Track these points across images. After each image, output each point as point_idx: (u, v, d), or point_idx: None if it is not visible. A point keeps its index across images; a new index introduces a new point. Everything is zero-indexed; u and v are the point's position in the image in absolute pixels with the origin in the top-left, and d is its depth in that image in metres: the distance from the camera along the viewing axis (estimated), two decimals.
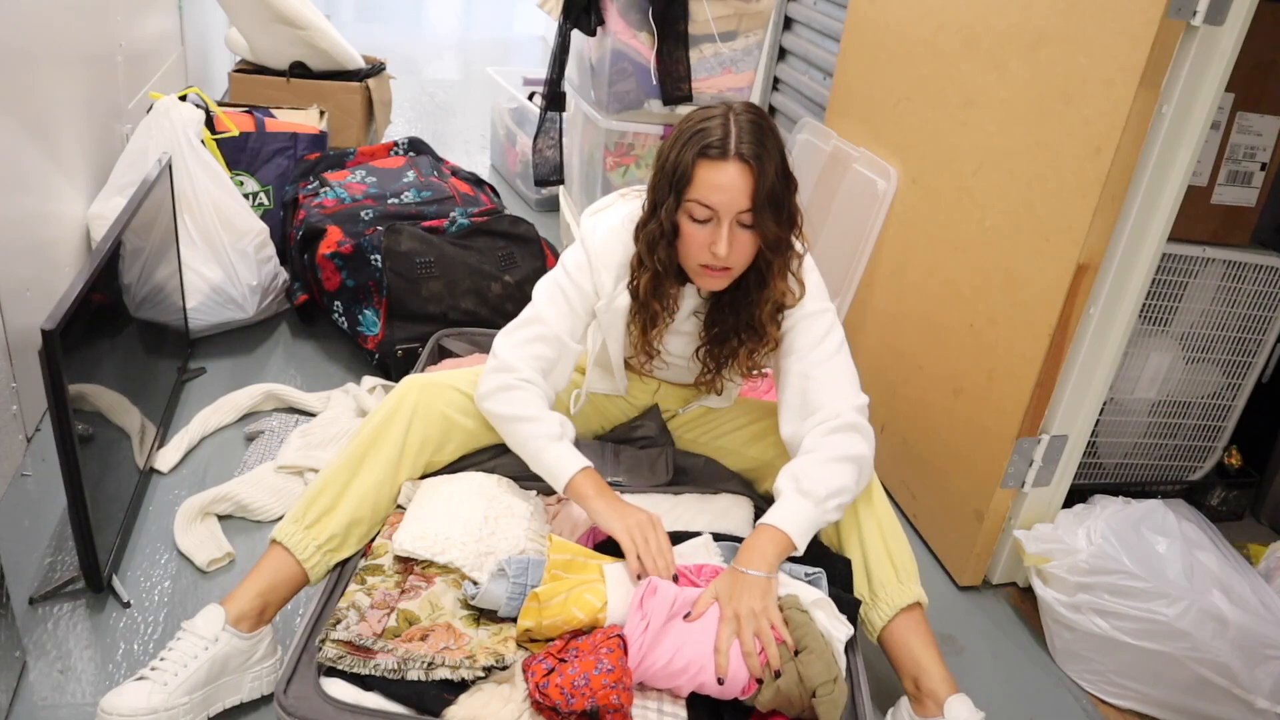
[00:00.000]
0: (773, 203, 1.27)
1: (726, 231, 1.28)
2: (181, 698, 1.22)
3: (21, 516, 1.67)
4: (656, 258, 1.34)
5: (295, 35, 3.21)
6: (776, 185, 1.27)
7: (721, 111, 1.28)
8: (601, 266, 1.40)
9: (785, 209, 1.30)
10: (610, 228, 1.42)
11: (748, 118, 1.27)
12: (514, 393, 1.38)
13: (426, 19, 7.12)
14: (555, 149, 3.02)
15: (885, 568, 1.38)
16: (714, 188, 1.26)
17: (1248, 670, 1.48)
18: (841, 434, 1.34)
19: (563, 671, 1.13)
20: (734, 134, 1.25)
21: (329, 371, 2.26)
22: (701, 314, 1.47)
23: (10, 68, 1.78)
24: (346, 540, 1.36)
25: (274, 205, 2.58)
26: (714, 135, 1.26)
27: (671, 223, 1.31)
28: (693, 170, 1.27)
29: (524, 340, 1.41)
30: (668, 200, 1.30)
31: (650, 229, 1.34)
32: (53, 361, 1.31)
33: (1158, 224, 1.54)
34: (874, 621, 1.38)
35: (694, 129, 1.28)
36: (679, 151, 1.28)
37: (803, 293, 1.39)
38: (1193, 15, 1.39)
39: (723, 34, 2.44)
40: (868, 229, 2.08)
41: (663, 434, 1.62)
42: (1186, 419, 2.01)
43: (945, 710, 1.29)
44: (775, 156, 1.27)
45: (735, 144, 1.25)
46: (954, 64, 1.84)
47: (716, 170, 1.26)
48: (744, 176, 1.25)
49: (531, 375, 1.39)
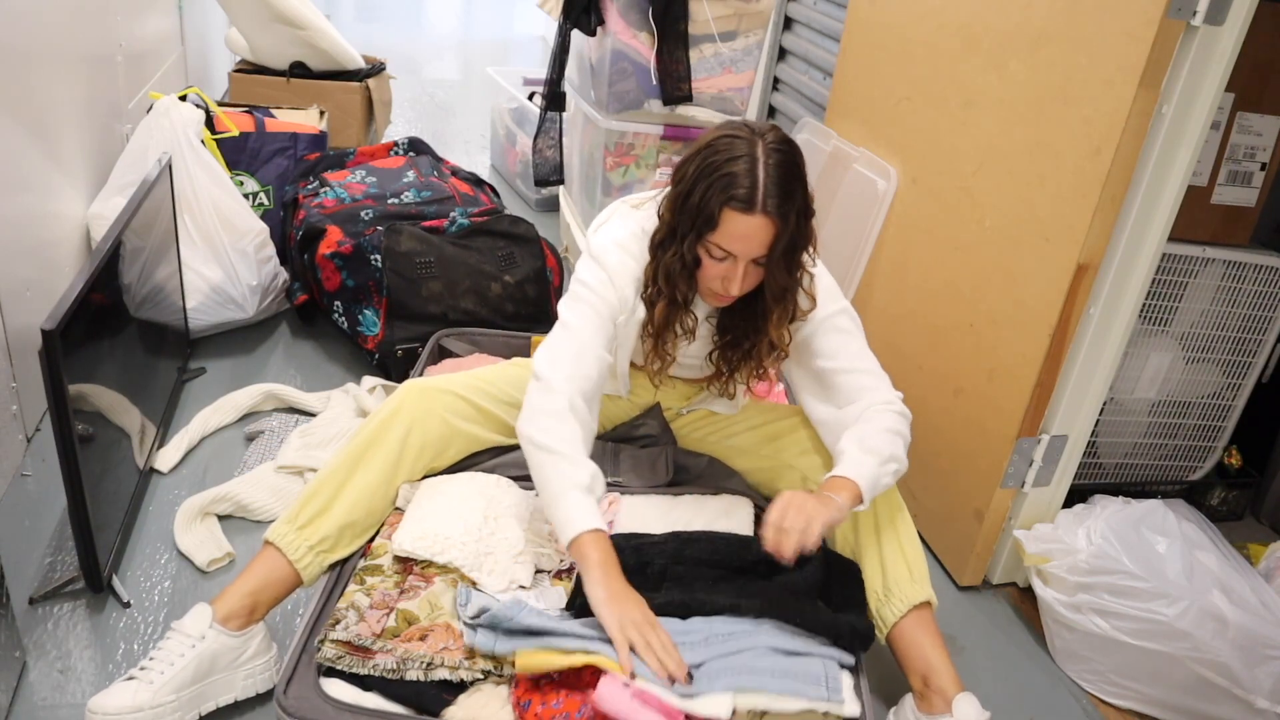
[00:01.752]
0: (789, 250, 1.30)
1: (741, 273, 1.31)
2: (168, 695, 1.22)
3: (21, 516, 1.67)
4: (677, 290, 1.36)
5: (295, 35, 3.21)
6: (797, 231, 1.29)
7: (747, 150, 1.26)
8: (623, 283, 1.40)
9: (800, 246, 1.33)
10: (620, 244, 1.42)
11: (777, 160, 1.26)
12: (556, 423, 1.30)
13: (426, 19, 7.12)
14: (555, 149, 3.02)
15: (900, 565, 1.40)
16: (736, 237, 1.28)
17: (1248, 670, 1.48)
18: (893, 414, 1.40)
19: (545, 700, 1.14)
20: (762, 184, 1.24)
21: (329, 371, 2.26)
22: (714, 320, 1.48)
23: (10, 68, 1.78)
24: (339, 542, 1.36)
25: (274, 205, 2.58)
26: (742, 185, 1.25)
27: (694, 255, 1.33)
28: (718, 217, 1.27)
29: (566, 357, 1.35)
30: (689, 235, 1.31)
31: (670, 260, 1.35)
32: (53, 361, 1.31)
33: (1158, 224, 1.54)
34: (886, 617, 1.39)
35: (721, 170, 1.26)
36: (705, 192, 1.27)
37: (812, 305, 1.42)
38: (1193, 15, 1.39)
39: (723, 34, 2.44)
40: (868, 229, 2.08)
41: (665, 433, 1.61)
42: (1186, 419, 2.01)
43: (954, 708, 1.29)
44: (800, 201, 1.28)
45: (763, 198, 1.25)
46: (954, 64, 1.84)
47: (741, 222, 1.26)
48: (767, 229, 1.27)
49: (575, 402, 1.31)
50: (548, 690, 1.16)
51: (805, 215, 1.31)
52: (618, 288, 1.40)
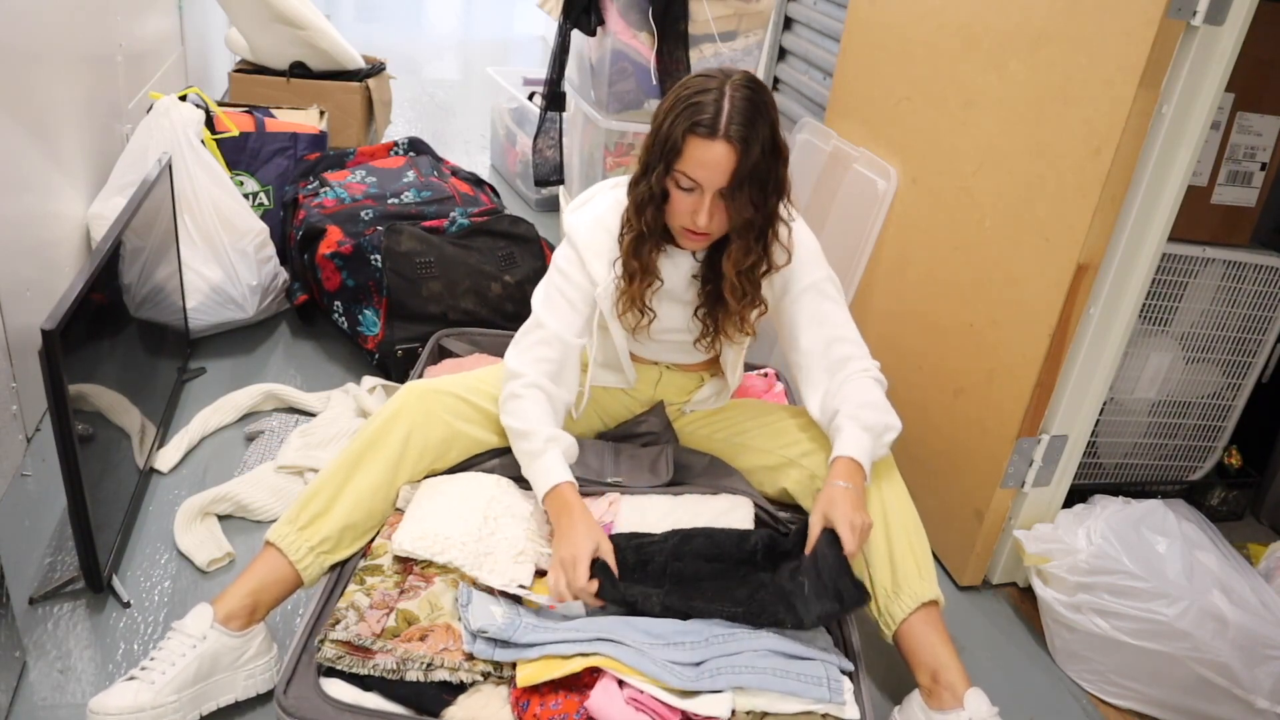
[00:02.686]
0: (755, 180, 1.32)
1: (708, 203, 1.33)
2: (170, 696, 1.22)
3: (21, 516, 1.67)
4: (644, 219, 1.39)
5: (295, 35, 3.21)
6: (761, 164, 1.31)
7: (718, 84, 1.30)
8: (592, 256, 1.45)
9: (769, 183, 1.34)
10: (595, 218, 1.47)
11: (743, 94, 1.30)
12: (518, 402, 1.42)
13: (426, 19, 7.12)
14: (555, 149, 3.02)
15: (909, 561, 1.41)
16: (700, 164, 1.31)
17: (1248, 670, 1.48)
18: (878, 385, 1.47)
19: (544, 701, 1.14)
20: (725, 112, 1.28)
21: (329, 371, 2.26)
22: (698, 275, 1.49)
23: (10, 68, 1.78)
24: (340, 543, 1.36)
25: (274, 205, 2.58)
26: (706, 113, 1.29)
27: (661, 187, 1.36)
28: (682, 144, 1.30)
29: (527, 346, 1.45)
30: (658, 167, 1.34)
31: (640, 190, 1.38)
32: (53, 361, 1.31)
33: (1158, 224, 1.54)
34: (894, 613, 1.39)
35: (689, 100, 1.30)
36: (672, 121, 1.31)
37: (789, 259, 1.44)
38: (1193, 15, 1.39)
39: (723, 34, 2.44)
40: (868, 229, 2.08)
41: (666, 430, 1.61)
42: (1186, 419, 2.01)
43: (965, 702, 1.29)
44: (765, 133, 1.31)
45: (725, 123, 1.28)
46: (954, 64, 1.84)
47: (704, 148, 1.29)
48: (729, 156, 1.29)
49: (537, 379, 1.42)
50: (546, 691, 1.16)
51: (773, 153, 1.33)
52: (586, 264, 1.45)
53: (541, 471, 1.38)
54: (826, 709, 1.18)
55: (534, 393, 1.41)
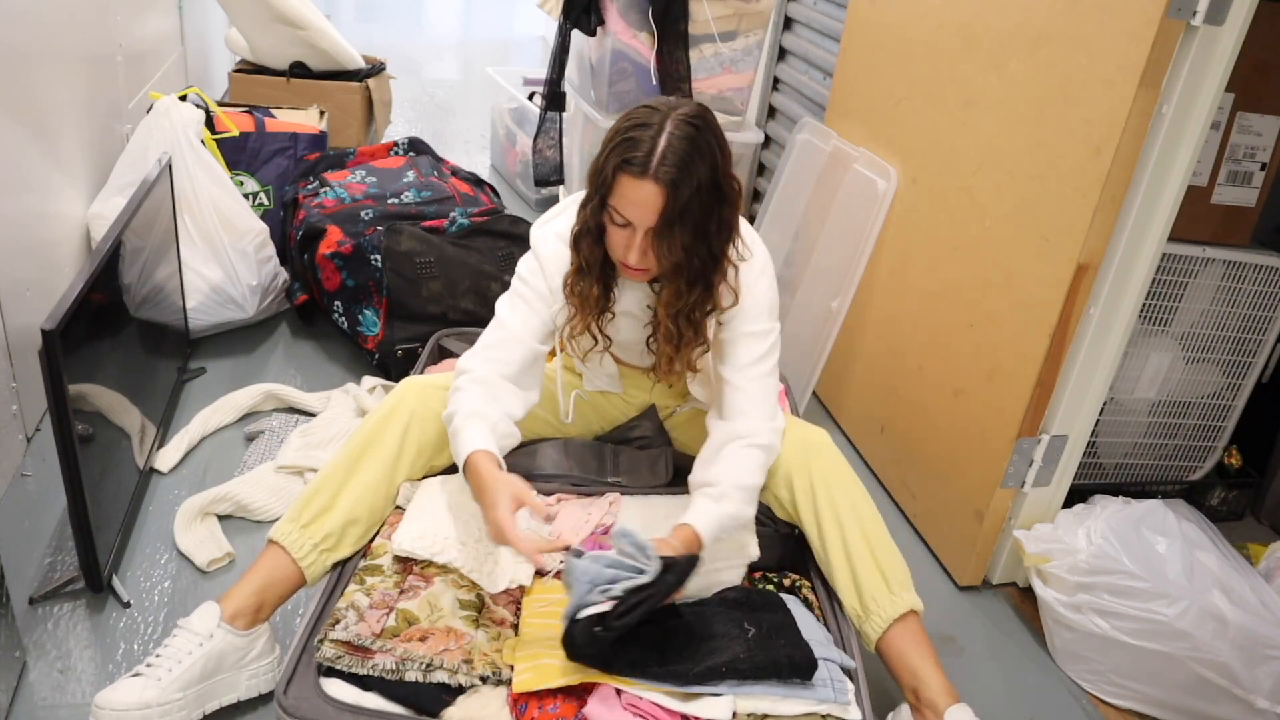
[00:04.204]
0: (686, 223, 1.27)
1: (639, 241, 1.29)
2: (175, 694, 1.22)
3: (21, 516, 1.67)
4: (581, 252, 1.37)
5: (295, 35, 3.21)
6: (693, 206, 1.26)
7: (659, 120, 1.25)
8: (554, 271, 1.42)
9: (707, 226, 1.29)
10: (558, 234, 1.43)
11: (682, 132, 1.24)
12: (455, 395, 1.37)
13: (426, 19, 7.12)
14: (555, 149, 3.02)
15: (875, 579, 1.38)
16: (629, 202, 1.27)
17: (1248, 670, 1.48)
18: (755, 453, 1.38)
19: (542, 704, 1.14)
20: (659, 151, 1.23)
21: (329, 371, 2.26)
22: (652, 306, 1.46)
23: (10, 68, 1.78)
24: (343, 540, 1.36)
25: (274, 205, 2.58)
26: (639, 150, 1.24)
27: (597, 221, 1.33)
28: (613, 180, 1.27)
29: (483, 347, 1.41)
30: (594, 200, 1.32)
31: (579, 220, 1.37)
32: (53, 361, 1.31)
33: (1158, 224, 1.54)
34: (868, 634, 1.37)
35: (625, 135, 1.26)
36: (606, 155, 1.28)
37: (735, 301, 1.38)
38: (1193, 15, 1.39)
39: (723, 34, 2.44)
40: (868, 229, 2.08)
41: (659, 434, 1.62)
42: (1186, 419, 2.01)
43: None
44: (702, 175, 1.25)
45: (656, 164, 1.23)
46: (954, 64, 1.84)
47: (634, 186, 1.25)
48: (657, 196, 1.25)
49: (483, 375, 1.37)
50: (545, 693, 1.16)
51: (711, 193, 1.27)
52: (547, 275, 1.42)
53: (458, 448, 1.31)
54: (830, 709, 1.18)
55: (474, 387, 1.36)
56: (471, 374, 1.38)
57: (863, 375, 2.15)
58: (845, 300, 2.13)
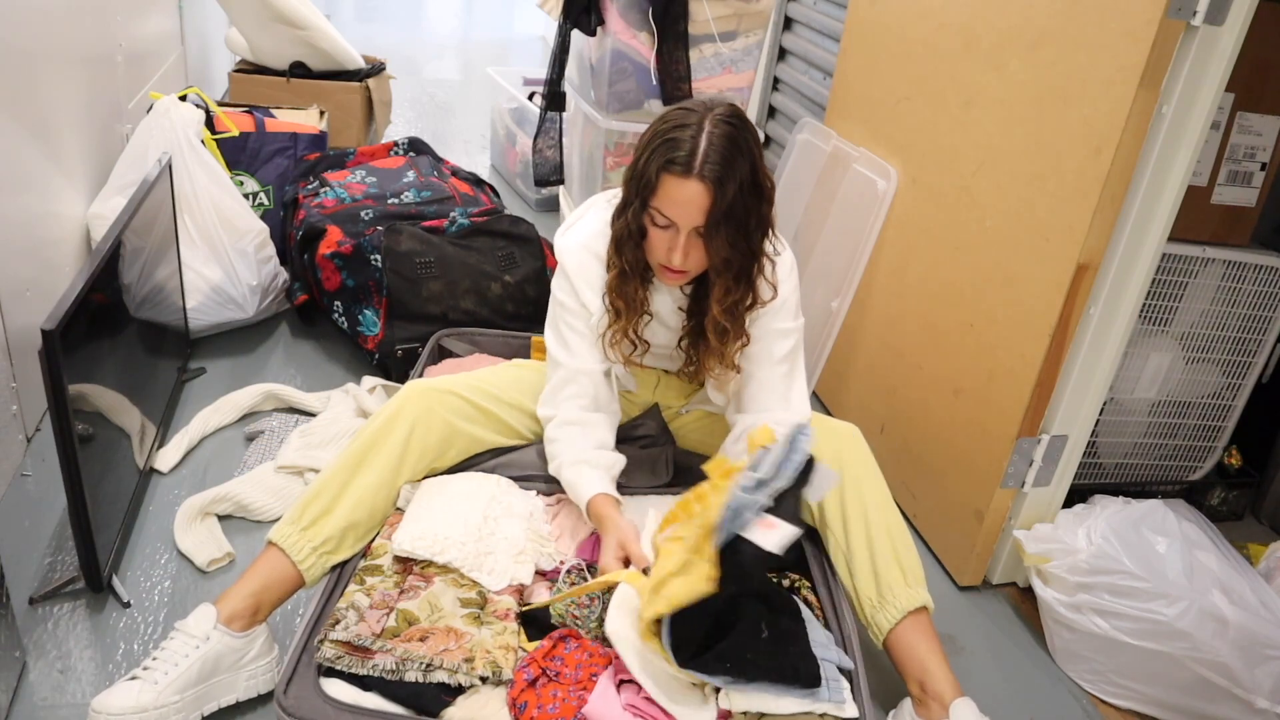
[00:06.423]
0: (731, 220, 1.28)
1: (683, 241, 1.30)
2: (172, 696, 1.22)
3: (21, 516, 1.67)
4: (624, 257, 1.37)
5: (295, 35, 3.21)
6: (738, 204, 1.27)
7: (696, 120, 1.26)
8: (584, 285, 1.43)
9: (748, 223, 1.30)
10: (582, 244, 1.44)
11: (721, 131, 1.26)
12: (553, 446, 1.44)
13: (426, 19, 7.11)
14: (555, 149, 3.02)
15: (893, 570, 1.39)
16: (674, 202, 1.27)
17: (1248, 670, 1.48)
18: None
19: (541, 704, 1.14)
20: (701, 150, 1.24)
21: (329, 371, 2.26)
22: (684, 308, 1.48)
23: (10, 68, 1.78)
24: (342, 543, 1.36)
25: (274, 205, 2.58)
26: (682, 150, 1.25)
27: (639, 224, 1.34)
28: (657, 181, 1.28)
29: (551, 391, 1.46)
30: (635, 203, 1.32)
31: (619, 226, 1.37)
32: (53, 361, 1.31)
33: (1158, 224, 1.54)
34: (880, 624, 1.38)
35: (665, 136, 1.27)
36: (648, 157, 1.29)
37: (774, 296, 1.40)
38: (1193, 15, 1.39)
39: (723, 34, 2.44)
40: (868, 229, 2.08)
41: (663, 433, 1.61)
42: (1186, 419, 2.01)
43: (951, 713, 1.29)
44: (743, 172, 1.26)
45: (700, 163, 1.24)
46: (954, 64, 1.84)
47: (678, 186, 1.26)
48: (704, 195, 1.26)
49: (568, 415, 1.43)
50: (544, 694, 1.16)
51: (752, 190, 1.29)
52: (578, 291, 1.43)
53: (577, 497, 1.40)
54: (825, 708, 1.18)
55: (566, 430, 1.43)
56: (557, 419, 1.44)
57: (863, 375, 2.15)
58: (845, 300, 2.13)
